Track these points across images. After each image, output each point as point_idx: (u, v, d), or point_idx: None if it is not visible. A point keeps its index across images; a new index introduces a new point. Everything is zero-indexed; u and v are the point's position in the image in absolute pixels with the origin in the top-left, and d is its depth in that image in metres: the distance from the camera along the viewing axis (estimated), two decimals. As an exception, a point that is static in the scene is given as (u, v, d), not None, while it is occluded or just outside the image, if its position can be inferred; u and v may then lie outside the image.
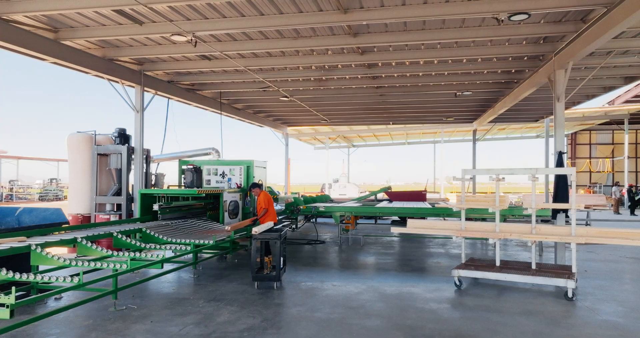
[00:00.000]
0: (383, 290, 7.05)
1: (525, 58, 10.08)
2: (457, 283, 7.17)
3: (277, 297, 6.57)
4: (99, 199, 10.39)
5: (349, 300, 6.46)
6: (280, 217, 13.80)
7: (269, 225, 7.88)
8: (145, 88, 10.88)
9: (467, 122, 19.65)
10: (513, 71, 11.18)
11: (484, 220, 11.63)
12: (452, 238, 7.71)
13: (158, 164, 13.04)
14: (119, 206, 10.43)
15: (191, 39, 7.81)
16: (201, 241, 7.21)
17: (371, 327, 5.34)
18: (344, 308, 6.06)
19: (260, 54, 9.90)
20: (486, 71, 11.20)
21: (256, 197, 8.97)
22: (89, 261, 5.57)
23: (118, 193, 10.45)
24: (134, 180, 10.65)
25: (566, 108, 15.88)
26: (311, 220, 17.58)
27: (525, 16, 6.85)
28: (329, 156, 31.91)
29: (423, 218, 12.63)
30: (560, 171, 7.43)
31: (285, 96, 13.48)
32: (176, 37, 8.05)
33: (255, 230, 7.09)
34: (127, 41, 9.07)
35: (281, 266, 7.43)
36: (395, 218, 15.45)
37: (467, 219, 11.63)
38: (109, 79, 10.14)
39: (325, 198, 16.43)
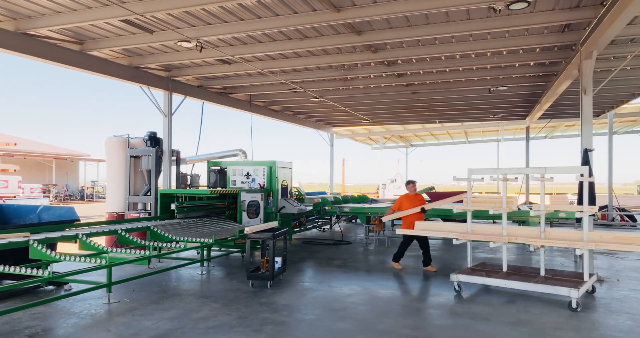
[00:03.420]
0: (377, 292, 6.87)
1: (556, 49, 9.36)
2: (457, 288, 6.81)
3: (266, 296, 6.62)
4: (132, 198, 11.06)
5: (335, 302, 6.37)
6: (311, 217, 13.88)
7: (271, 224, 7.97)
8: (175, 93, 11.42)
9: (519, 119, 18.54)
10: (547, 63, 10.41)
11: (523, 222, 10.95)
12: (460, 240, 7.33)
13: (193, 165, 13.63)
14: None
15: (196, 45, 8.09)
16: (201, 240, 7.45)
17: (339, 329, 5.24)
18: (324, 310, 5.99)
19: (275, 56, 10.03)
20: (517, 64, 10.53)
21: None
22: (80, 256, 5.98)
23: (150, 192, 11.07)
24: (162, 181, 11.23)
25: (626, 101, 14.54)
26: (350, 221, 17.45)
27: (525, 5, 6.36)
28: (382, 156, 31.54)
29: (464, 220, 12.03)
30: (572, 170, 6.80)
31: (315, 97, 13.53)
32: (183, 43, 8.39)
33: (248, 230, 7.21)
34: (147, 49, 9.57)
35: (279, 265, 7.49)
36: (437, 219, 14.91)
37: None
38: (140, 86, 10.79)
39: (363, 199, 16.25)
